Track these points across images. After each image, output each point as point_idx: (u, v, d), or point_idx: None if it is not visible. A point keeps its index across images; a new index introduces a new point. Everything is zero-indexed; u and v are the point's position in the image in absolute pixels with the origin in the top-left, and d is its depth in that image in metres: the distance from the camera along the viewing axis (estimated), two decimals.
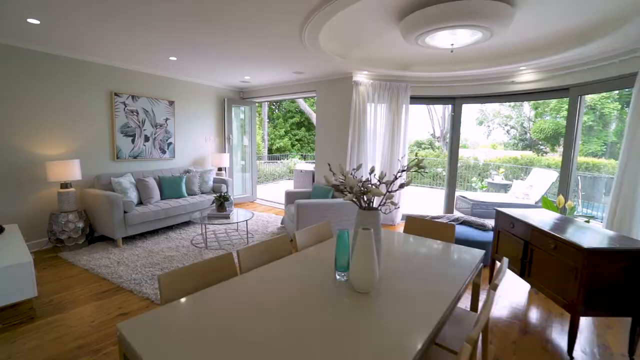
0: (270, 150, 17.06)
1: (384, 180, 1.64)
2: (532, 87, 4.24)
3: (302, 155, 16.47)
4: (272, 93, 6.17)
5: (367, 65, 4.64)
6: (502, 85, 4.55)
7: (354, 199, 1.60)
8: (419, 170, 1.49)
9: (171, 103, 5.24)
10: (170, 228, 4.69)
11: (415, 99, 5.23)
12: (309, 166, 8.99)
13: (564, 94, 4.02)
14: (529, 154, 14.46)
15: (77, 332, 2.31)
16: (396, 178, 1.57)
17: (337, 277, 1.56)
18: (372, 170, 1.73)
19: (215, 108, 6.12)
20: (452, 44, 3.30)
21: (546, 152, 15.22)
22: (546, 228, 2.34)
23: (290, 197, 4.76)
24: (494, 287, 1.33)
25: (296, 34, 3.32)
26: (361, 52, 4.29)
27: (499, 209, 2.97)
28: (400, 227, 5.14)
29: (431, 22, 2.90)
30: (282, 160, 13.96)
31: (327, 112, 5.41)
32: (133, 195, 4.24)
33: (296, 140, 17.68)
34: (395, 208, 4.07)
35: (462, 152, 16.15)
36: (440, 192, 9.82)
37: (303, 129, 17.81)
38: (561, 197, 3.17)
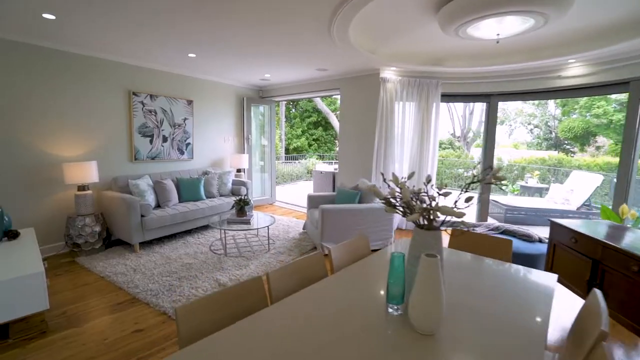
0: (287, 150, 16.88)
1: (441, 192, 1.35)
2: (583, 81, 3.82)
3: (319, 155, 16.21)
4: (293, 91, 5.93)
5: (396, 61, 4.33)
6: (546, 81, 4.15)
7: (407, 213, 1.31)
8: (497, 183, 1.19)
9: (190, 102, 5.08)
10: (188, 232, 4.52)
11: (446, 97, 4.88)
12: (329, 167, 8.70)
13: (622, 88, 3.60)
14: (556, 154, 13.71)
15: (90, 351, 2.12)
16: (465, 190, 1.26)
17: (390, 309, 1.28)
18: (428, 180, 1.44)
19: (234, 107, 5.93)
20: (498, 34, 2.96)
21: (574, 153, 14.43)
22: (622, 246, 1.99)
23: (313, 201, 4.50)
24: (603, 337, 1.02)
25: (324, 27, 3.05)
26: (391, 46, 3.99)
27: (555, 219, 2.62)
28: None
29: (477, 9, 2.58)
30: (299, 161, 13.74)
31: (352, 110, 5.12)
32: (151, 198, 4.08)
33: (313, 140, 17.44)
34: (467, 229, 3.56)
35: (477, 152, 15.49)
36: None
37: (320, 128, 17.55)
38: (625, 207, 2.79)
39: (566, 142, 14.90)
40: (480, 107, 16.49)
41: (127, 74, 4.27)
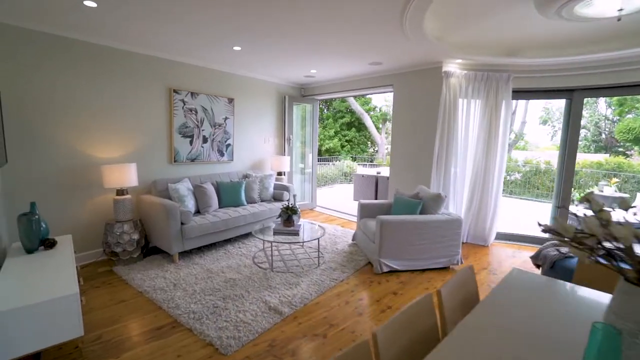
0: (319, 152, 16.49)
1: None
2: None
3: (352, 157, 15.70)
4: (338, 89, 5.48)
5: (463, 52, 3.78)
6: None
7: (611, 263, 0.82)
8: None
9: (230, 101, 4.76)
10: (228, 241, 4.18)
11: (518, 93, 4.26)
12: (370, 171, 8.16)
13: None
14: (609, 157, 12.37)
15: None
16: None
17: None
18: (627, 206, 0.93)
19: (275, 106, 5.57)
20: (620, 9, 2.35)
21: (629, 156, 13.01)
22: None
23: (365, 210, 4.03)
24: None
25: (395, 12, 2.57)
26: (459, 35, 3.45)
27: None
28: (495, 248, 4.18)
29: None
30: (333, 162, 13.30)
31: (407, 109, 4.59)
32: (191, 204, 3.77)
33: (346, 141, 16.97)
34: None
35: (519, 155, 14.39)
36: (514, 201, 8.55)
37: (353, 129, 17.06)
38: None
39: (619, 144, 13.53)
40: (523, 106, 15.45)
41: (167, 70, 4.01)
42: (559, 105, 16.44)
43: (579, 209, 4.54)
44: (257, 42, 3.44)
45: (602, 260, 0.86)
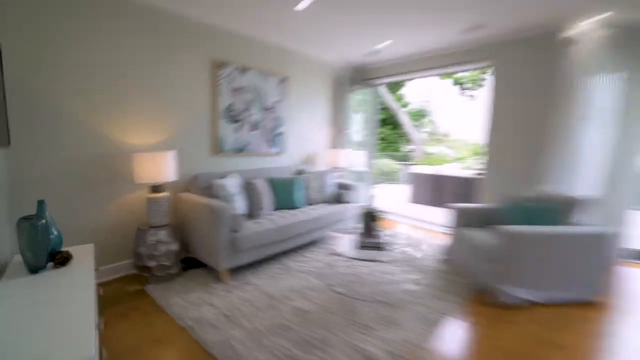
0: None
1: None
2: None
3: (389, 155, 14.65)
4: (407, 69, 4.53)
5: (598, 7, 2.76)
6: None
7: None
8: None
9: (283, 80, 3.94)
10: (284, 253, 3.32)
11: None
12: (430, 169, 7.13)
13: None
14: None
15: None
16: None
17: None
18: None
19: (330, 91, 4.72)
20: None
21: None
22: None
23: (463, 216, 3.08)
24: None
25: None
26: None
27: None
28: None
29: None
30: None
31: (512, 91, 3.60)
32: (241, 205, 2.96)
33: (381, 139, 15.92)
34: None
35: None
36: None
37: (389, 126, 15.99)
38: None
39: None
40: None
41: (211, 38, 3.23)
42: None
43: None
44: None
45: None
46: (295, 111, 4.21)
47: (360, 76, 5.05)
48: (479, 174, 3.93)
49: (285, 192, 3.46)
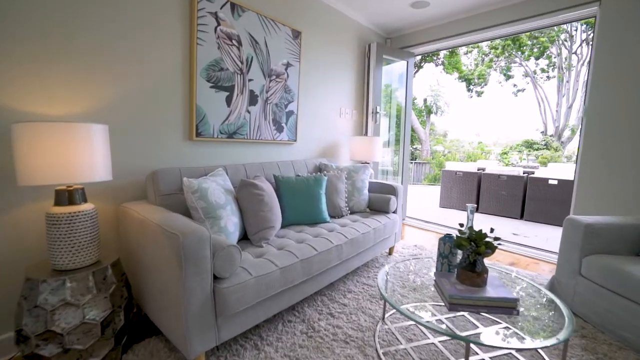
0: None
1: None
2: None
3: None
4: (463, 28, 3.32)
5: None
6: None
7: None
8: None
9: (296, 35, 2.69)
10: (305, 300, 2.05)
11: None
12: (468, 166, 5.91)
13: None
14: None
15: None
16: None
17: None
18: None
19: (356, 60, 3.48)
20: None
21: None
22: None
23: (595, 238, 1.86)
24: None
25: None
26: None
27: None
28: None
29: None
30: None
31: (629, 48, 2.38)
32: (232, 223, 1.70)
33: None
34: None
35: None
36: None
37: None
38: None
39: None
40: (580, 97, 13.08)
41: None
42: None
43: None
44: None
45: None
46: (312, 82, 2.96)
47: (395, 44, 3.81)
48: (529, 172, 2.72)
49: (302, 199, 2.21)
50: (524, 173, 4.90)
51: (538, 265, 2.83)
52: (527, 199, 4.62)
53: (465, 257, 1.41)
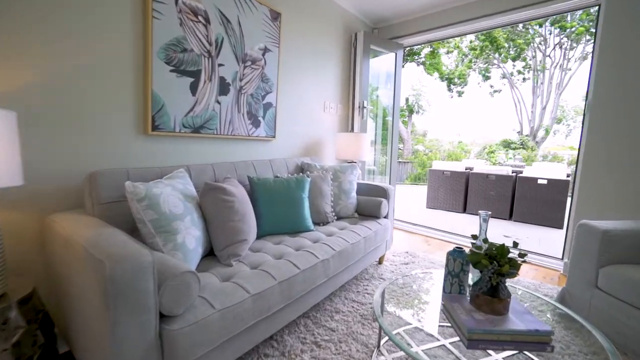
0: None
1: None
2: None
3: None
4: (453, 18, 3.08)
5: None
6: None
7: None
8: None
9: (276, 17, 2.36)
10: (286, 327, 1.72)
11: None
12: (455, 165, 5.71)
13: None
14: None
15: None
16: None
17: None
18: None
19: (341, 50, 3.18)
20: None
21: None
22: None
23: (612, 246, 1.65)
24: None
25: None
26: None
27: None
28: None
29: None
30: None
31: (634, 40, 2.21)
32: (193, 238, 1.35)
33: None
34: None
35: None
36: None
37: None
38: None
39: None
40: (553, 99, 13.53)
41: None
42: (575, 103, 14.43)
43: None
44: None
45: None
46: (293, 71, 2.63)
47: (383, 34, 3.55)
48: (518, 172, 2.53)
49: (282, 204, 1.89)
50: (512, 172, 4.76)
51: (538, 272, 2.63)
52: (516, 199, 4.48)
53: (487, 280, 1.13)
